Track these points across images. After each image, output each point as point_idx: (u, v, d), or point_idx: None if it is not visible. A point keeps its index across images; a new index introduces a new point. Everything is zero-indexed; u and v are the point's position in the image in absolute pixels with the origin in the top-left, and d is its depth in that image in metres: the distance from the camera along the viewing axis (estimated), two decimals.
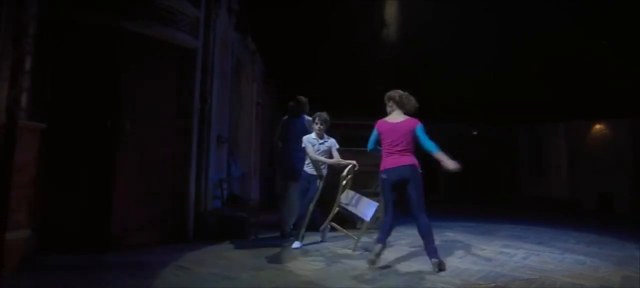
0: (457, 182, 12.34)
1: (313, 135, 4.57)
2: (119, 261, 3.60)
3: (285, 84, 9.51)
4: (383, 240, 3.62)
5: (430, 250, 3.52)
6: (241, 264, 3.59)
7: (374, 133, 3.94)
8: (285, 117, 5.34)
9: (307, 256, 3.96)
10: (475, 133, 13.39)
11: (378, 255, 3.55)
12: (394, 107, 3.88)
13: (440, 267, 3.45)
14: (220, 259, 3.78)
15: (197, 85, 4.98)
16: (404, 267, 3.59)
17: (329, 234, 4.86)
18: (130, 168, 4.25)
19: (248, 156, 7.46)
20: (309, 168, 4.56)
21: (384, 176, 3.77)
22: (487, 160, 13.08)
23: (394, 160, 3.72)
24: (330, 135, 5.76)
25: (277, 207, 5.40)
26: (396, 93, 3.91)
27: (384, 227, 3.72)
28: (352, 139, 5.97)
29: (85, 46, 4.09)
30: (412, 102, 3.90)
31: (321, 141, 4.57)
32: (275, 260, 3.81)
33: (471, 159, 12.88)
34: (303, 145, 4.52)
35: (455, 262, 3.84)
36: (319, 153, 4.56)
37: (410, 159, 3.69)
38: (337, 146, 4.67)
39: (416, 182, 3.62)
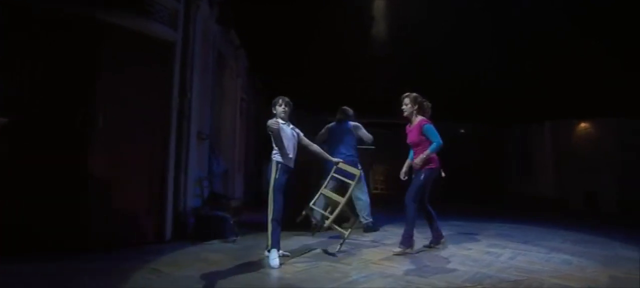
0: (447, 180, 12.34)
1: (279, 119, 3.77)
2: (91, 264, 3.40)
3: (271, 80, 9.33)
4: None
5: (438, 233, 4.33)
6: (219, 266, 3.42)
7: (434, 129, 4.14)
8: (332, 124, 5.69)
9: (291, 257, 3.81)
10: (462, 131, 13.40)
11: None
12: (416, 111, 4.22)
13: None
14: (198, 261, 3.61)
15: (176, 79, 4.77)
16: (388, 268, 3.47)
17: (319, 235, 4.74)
18: (104, 165, 4.03)
19: (231, 153, 7.27)
20: (282, 158, 3.71)
21: (436, 175, 4.15)
22: (477, 158, 13.12)
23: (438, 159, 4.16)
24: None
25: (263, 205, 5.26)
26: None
27: (434, 218, 4.30)
28: None
29: (60, 38, 3.86)
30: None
31: (291, 126, 3.88)
32: (256, 261, 3.64)
33: (461, 158, 13.00)
34: (270, 123, 3.62)
35: (441, 262, 3.74)
36: (290, 140, 3.80)
37: None
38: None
39: None
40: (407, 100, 4.23)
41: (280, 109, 3.83)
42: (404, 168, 4.30)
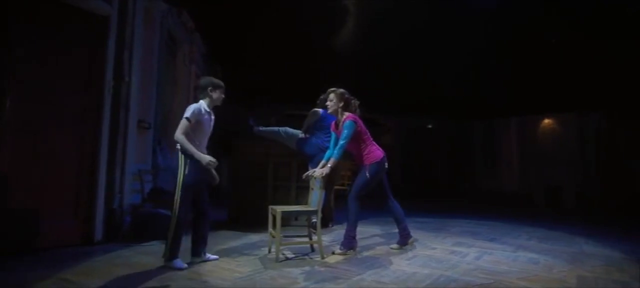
0: (412, 175, 12.24)
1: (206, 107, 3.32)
2: None
3: (230, 68, 8.75)
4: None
5: (405, 234, 3.98)
6: (147, 272, 2.94)
7: (354, 128, 3.71)
8: (322, 111, 4.97)
9: (235, 262, 3.37)
10: (430, 126, 13.32)
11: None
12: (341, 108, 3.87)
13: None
14: (124, 266, 3.10)
15: (111, 60, 4.20)
16: (343, 273, 3.09)
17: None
18: (12, 157, 3.43)
19: None
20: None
21: (381, 168, 3.83)
22: (444, 153, 13.08)
23: (381, 150, 3.89)
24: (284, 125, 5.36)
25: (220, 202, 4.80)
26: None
27: (400, 213, 4.00)
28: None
29: None
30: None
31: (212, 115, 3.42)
32: (193, 266, 3.18)
33: (429, 153, 12.93)
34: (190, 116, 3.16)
35: (402, 264, 3.41)
36: (207, 134, 3.36)
37: None
38: None
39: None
40: (332, 96, 3.86)
41: (219, 95, 3.39)
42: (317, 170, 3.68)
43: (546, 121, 11.22)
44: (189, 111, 3.18)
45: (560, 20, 7.48)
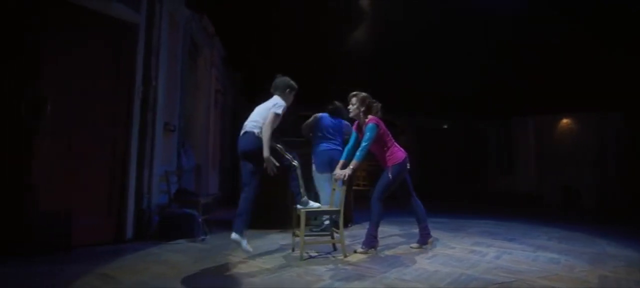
0: (427, 175, 12.23)
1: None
2: (30, 270, 2.99)
3: (249, 72, 8.94)
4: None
5: (425, 233, 4.09)
6: (178, 269, 3.08)
7: (376, 131, 3.79)
8: (323, 115, 5.08)
9: (260, 259, 3.49)
10: (445, 127, 13.29)
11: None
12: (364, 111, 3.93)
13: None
14: (157, 264, 3.25)
15: (140, 66, 4.38)
16: (366, 271, 3.19)
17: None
18: (53, 158, 3.62)
19: (205, 147, 6.88)
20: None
21: (404, 169, 3.92)
22: (459, 154, 13.03)
23: (403, 150, 3.96)
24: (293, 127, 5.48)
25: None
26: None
27: (422, 213, 4.11)
28: None
29: None
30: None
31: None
32: (220, 264, 3.32)
33: (444, 153, 12.90)
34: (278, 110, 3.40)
35: (424, 263, 3.49)
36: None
37: None
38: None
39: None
40: (354, 100, 3.94)
41: (293, 97, 3.66)
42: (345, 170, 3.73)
43: (564, 121, 11.12)
44: (280, 108, 3.41)
45: (576, 21, 7.44)
